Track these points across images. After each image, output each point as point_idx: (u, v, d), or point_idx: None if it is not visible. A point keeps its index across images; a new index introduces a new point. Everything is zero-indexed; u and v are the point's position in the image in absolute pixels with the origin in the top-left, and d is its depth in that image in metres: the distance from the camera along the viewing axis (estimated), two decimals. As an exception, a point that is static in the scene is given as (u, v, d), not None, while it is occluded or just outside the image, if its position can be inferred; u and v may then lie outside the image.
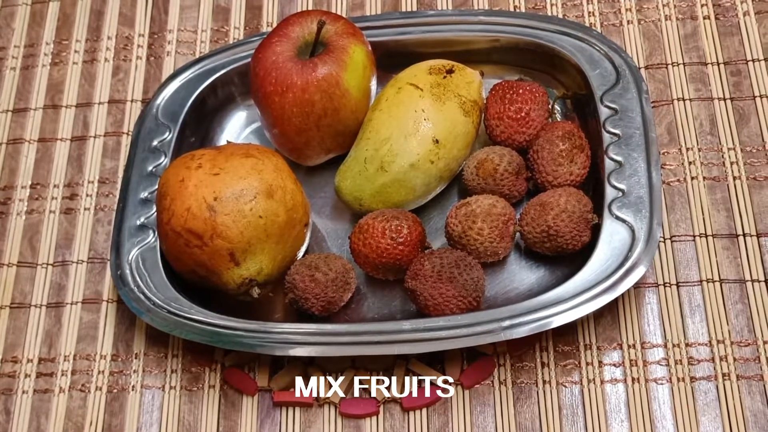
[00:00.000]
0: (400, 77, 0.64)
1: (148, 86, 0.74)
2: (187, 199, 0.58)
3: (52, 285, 0.67)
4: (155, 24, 0.77)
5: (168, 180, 0.60)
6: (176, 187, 0.59)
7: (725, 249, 0.63)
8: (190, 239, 0.58)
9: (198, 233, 0.58)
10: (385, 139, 0.62)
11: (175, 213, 0.58)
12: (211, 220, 0.58)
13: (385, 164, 0.62)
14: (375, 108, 0.64)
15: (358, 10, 0.76)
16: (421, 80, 0.63)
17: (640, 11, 0.72)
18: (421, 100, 0.62)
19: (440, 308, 0.58)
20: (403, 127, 0.62)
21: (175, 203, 0.58)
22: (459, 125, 0.62)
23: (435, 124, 0.62)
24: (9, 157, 0.73)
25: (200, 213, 0.58)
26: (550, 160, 0.62)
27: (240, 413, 0.61)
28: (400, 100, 0.62)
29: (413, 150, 0.61)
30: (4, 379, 0.64)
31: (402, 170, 0.62)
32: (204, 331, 0.59)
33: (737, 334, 0.60)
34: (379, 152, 0.62)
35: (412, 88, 0.63)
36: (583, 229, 0.60)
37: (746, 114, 0.67)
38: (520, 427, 0.59)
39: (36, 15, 0.79)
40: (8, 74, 0.76)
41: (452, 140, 0.62)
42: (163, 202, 0.60)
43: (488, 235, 0.60)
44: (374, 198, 0.63)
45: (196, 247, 0.58)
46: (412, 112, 0.62)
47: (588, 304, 0.57)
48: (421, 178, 0.62)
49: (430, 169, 0.62)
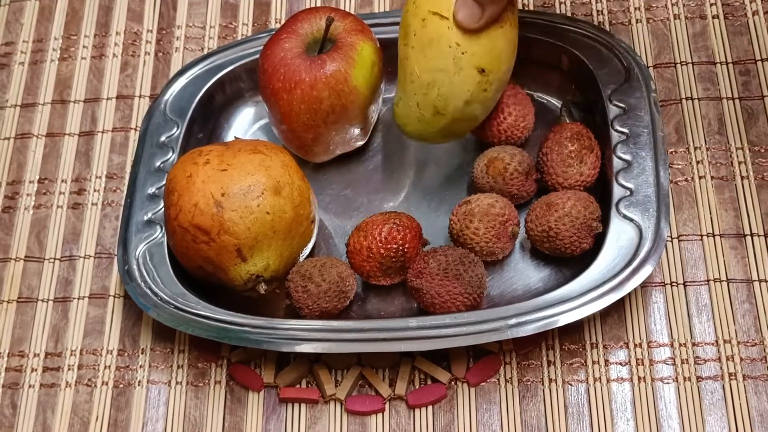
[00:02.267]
0: (419, 1, 0.59)
1: (156, 82, 0.74)
2: (195, 195, 0.58)
3: (59, 280, 0.67)
4: (163, 20, 0.77)
5: (176, 176, 0.60)
6: (184, 183, 0.59)
7: (733, 249, 0.63)
8: (197, 235, 0.58)
9: (205, 229, 0.58)
10: (429, 84, 0.59)
11: (183, 209, 0.58)
12: (218, 216, 0.58)
13: (439, 108, 0.60)
14: (406, 42, 0.60)
15: (366, 7, 0.76)
16: (443, 5, 0.58)
17: (649, 10, 0.72)
18: (451, 32, 0.58)
19: (446, 306, 0.58)
20: (444, 68, 0.58)
21: (182, 199, 0.59)
22: (498, 40, 0.58)
23: (474, 54, 0.58)
24: (17, 152, 0.73)
25: (207, 209, 0.58)
26: (560, 161, 0.62)
27: (246, 409, 0.61)
28: (430, 38, 0.58)
29: (462, 88, 0.59)
30: (11, 373, 0.64)
31: (458, 109, 0.60)
32: (211, 327, 0.59)
33: (744, 333, 0.60)
34: (429, 97, 0.59)
35: (437, 18, 0.58)
36: (585, 236, 0.60)
37: (755, 114, 0.67)
38: (526, 425, 0.59)
39: (45, 10, 0.79)
40: (17, 69, 0.76)
41: (497, 61, 0.59)
42: (170, 197, 0.60)
43: (484, 235, 0.60)
44: (441, 136, 0.62)
45: (203, 243, 0.58)
46: (447, 49, 0.58)
47: (594, 302, 0.57)
48: (479, 108, 0.60)
49: (485, 96, 0.60)
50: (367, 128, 0.66)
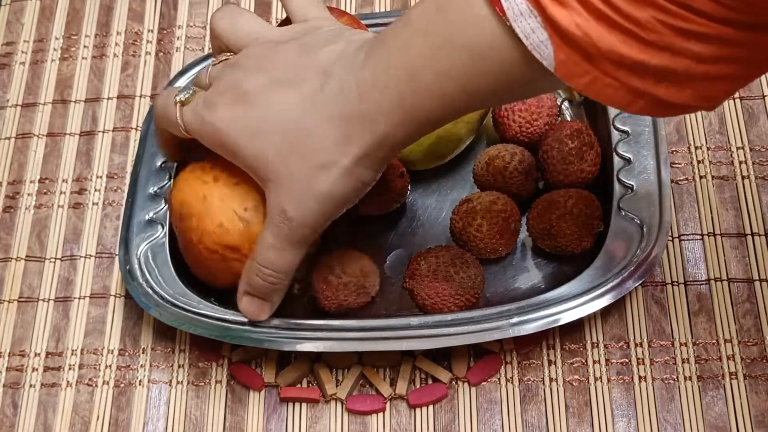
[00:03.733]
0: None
1: (157, 82, 0.74)
2: (217, 216, 0.57)
3: (60, 279, 0.67)
4: (164, 20, 0.77)
5: (186, 200, 0.58)
6: (200, 206, 0.57)
7: (733, 248, 0.63)
8: (227, 254, 0.57)
9: (235, 247, 0.57)
10: None
11: (206, 231, 0.57)
12: (246, 232, 0.57)
13: None
14: None
15: (367, 7, 0.76)
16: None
17: (650, 10, 0.72)
18: None
19: (437, 307, 0.59)
20: None
21: (203, 222, 0.57)
22: None
23: None
24: (18, 152, 0.73)
25: (234, 227, 0.57)
26: (560, 159, 0.62)
27: (247, 409, 0.61)
28: None
29: None
30: (12, 372, 0.64)
31: (445, 128, 0.60)
32: (212, 326, 0.59)
33: (744, 333, 0.60)
34: None
35: None
36: (585, 235, 0.60)
37: (756, 113, 0.67)
38: (527, 424, 0.59)
39: (45, 10, 0.79)
40: (17, 69, 0.76)
41: None
42: (187, 222, 0.58)
43: (487, 232, 0.60)
44: (426, 158, 0.64)
45: (235, 261, 0.57)
46: None
47: (595, 301, 0.57)
48: (464, 128, 0.62)
49: (470, 116, 0.62)
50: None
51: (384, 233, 0.65)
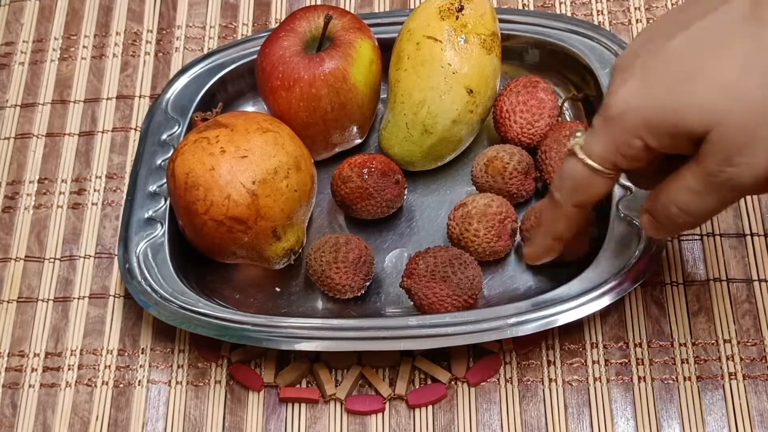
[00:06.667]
0: (413, 28, 0.63)
1: (156, 82, 0.74)
2: (225, 188, 0.58)
3: (59, 280, 0.67)
4: (164, 20, 0.77)
5: (193, 170, 0.59)
6: (208, 177, 0.58)
7: (733, 248, 0.63)
8: (233, 225, 0.58)
9: (242, 219, 0.58)
10: (420, 102, 0.62)
11: (214, 203, 0.58)
12: (254, 205, 0.58)
13: (428, 126, 0.62)
14: (398, 66, 0.63)
15: (366, 7, 0.76)
16: (437, 30, 0.62)
17: (649, 10, 0.72)
18: (444, 54, 0.61)
19: (434, 307, 0.58)
20: (435, 86, 0.61)
21: (211, 193, 0.58)
22: (486, 66, 0.62)
23: (464, 75, 0.61)
24: (17, 152, 0.73)
25: (242, 199, 0.58)
26: (559, 159, 0.62)
27: (246, 409, 0.61)
28: (423, 58, 0.62)
29: (451, 107, 0.62)
30: (11, 373, 0.64)
31: (446, 128, 0.62)
32: (211, 324, 0.59)
33: (744, 333, 0.60)
34: (419, 116, 0.62)
35: (431, 41, 0.62)
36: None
37: (755, 113, 0.67)
38: (526, 425, 0.59)
39: (45, 10, 0.79)
40: (17, 69, 0.76)
41: (484, 84, 0.62)
42: (194, 193, 0.58)
43: (485, 236, 0.60)
44: (425, 159, 0.65)
45: (240, 232, 0.59)
46: (439, 69, 0.61)
47: (594, 302, 0.57)
48: (465, 129, 0.63)
49: (471, 117, 0.63)
50: (365, 126, 0.66)
51: (383, 233, 0.65)
